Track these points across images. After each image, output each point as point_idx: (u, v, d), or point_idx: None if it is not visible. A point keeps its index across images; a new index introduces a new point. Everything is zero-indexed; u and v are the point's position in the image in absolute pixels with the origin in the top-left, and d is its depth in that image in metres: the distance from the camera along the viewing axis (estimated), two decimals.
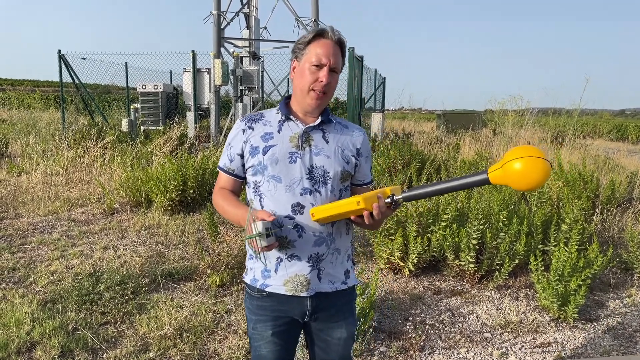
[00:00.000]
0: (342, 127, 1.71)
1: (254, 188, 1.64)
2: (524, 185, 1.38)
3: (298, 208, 1.58)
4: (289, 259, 1.60)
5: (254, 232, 1.41)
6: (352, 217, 1.55)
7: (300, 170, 1.59)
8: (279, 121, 1.65)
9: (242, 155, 1.65)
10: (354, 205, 1.47)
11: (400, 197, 1.52)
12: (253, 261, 1.69)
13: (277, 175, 1.58)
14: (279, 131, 1.63)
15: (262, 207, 1.61)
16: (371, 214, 1.49)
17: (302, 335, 1.83)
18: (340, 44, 1.60)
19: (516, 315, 3.55)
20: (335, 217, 1.54)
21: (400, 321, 3.42)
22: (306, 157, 1.60)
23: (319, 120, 1.64)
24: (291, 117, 1.64)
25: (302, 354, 2.80)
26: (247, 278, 1.71)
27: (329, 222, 1.60)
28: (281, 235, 1.57)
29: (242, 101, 11.04)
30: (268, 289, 1.64)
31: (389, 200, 1.52)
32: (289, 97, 1.71)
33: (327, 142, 1.64)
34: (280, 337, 1.68)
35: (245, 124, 1.66)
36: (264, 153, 1.59)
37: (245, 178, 1.69)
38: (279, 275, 1.62)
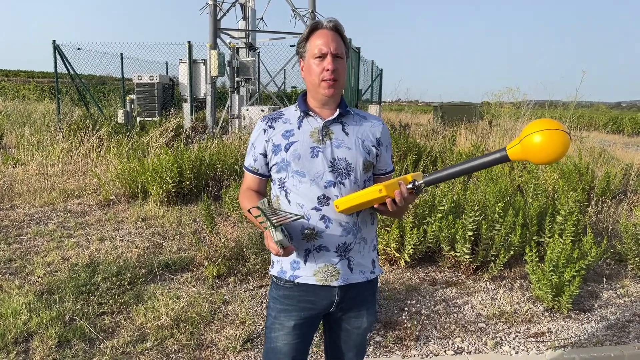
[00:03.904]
0: (361, 118, 1.74)
1: (279, 184, 1.67)
2: (544, 158, 1.37)
3: (324, 200, 1.61)
4: (317, 250, 1.63)
5: (273, 237, 1.44)
6: (375, 206, 1.57)
7: (322, 163, 1.61)
8: (298, 118, 1.68)
9: (265, 155, 1.69)
10: (376, 193, 1.49)
11: (421, 181, 1.54)
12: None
13: (301, 171, 1.61)
14: (299, 127, 1.66)
15: (289, 202, 1.64)
16: (394, 200, 1.52)
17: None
18: (336, 30, 1.61)
19: (511, 306, 3.58)
20: (359, 206, 1.55)
21: (395, 311, 3.45)
22: (327, 150, 1.63)
23: (337, 113, 1.66)
24: (310, 112, 1.67)
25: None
26: (274, 270, 1.72)
27: (354, 212, 1.62)
28: (309, 227, 1.61)
29: (238, 92, 10.99)
30: (298, 280, 1.65)
31: (410, 186, 1.53)
32: (305, 94, 1.73)
33: (347, 134, 1.67)
34: (301, 329, 1.68)
35: (266, 124, 1.69)
36: (286, 150, 1.63)
37: (269, 176, 1.73)
38: (308, 266, 1.64)
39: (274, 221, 1.45)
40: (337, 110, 1.67)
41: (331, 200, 1.60)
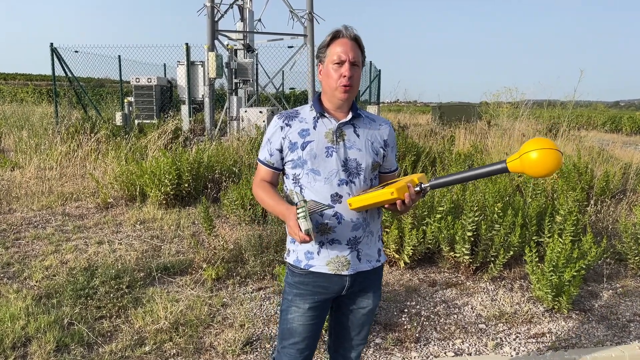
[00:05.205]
0: (370, 120, 1.87)
1: (293, 179, 1.80)
2: (539, 172, 1.55)
3: (336, 198, 1.75)
4: (330, 242, 1.78)
5: (302, 226, 1.56)
6: (385, 205, 1.70)
7: (336, 163, 1.75)
8: (314, 118, 1.80)
9: (281, 150, 1.81)
10: (388, 195, 1.63)
11: (427, 185, 1.69)
12: (295, 244, 1.84)
13: (316, 169, 1.75)
14: (314, 127, 1.78)
15: (304, 197, 1.77)
16: (403, 201, 1.65)
17: None
18: (355, 40, 1.74)
19: (511, 306, 3.57)
20: (371, 206, 1.70)
21: (395, 313, 3.44)
22: (341, 151, 1.76)
23: (350, 116, 1.79)
24: (325, 114, 1.79)
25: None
26: (290, 259, 1.86)
27: (364, 210, 1.77)
28: (323, 222, 1.75)
29: (236, 94, 10.99)
30: (312, 269, 1.80)
31: (417, 188, 1.68)
32: (320, 95, 1.84)
33: (358, 136, 1.80)
34: (315, 311, 1.83)
35: (283, 122, 1.80)
36: (303, 148, 1.75)
37: (282, 169, 1.86)
38: (322, 256, 1.79)
39: (308, 212, 1.57)
40: (350, 113, 1.79)
41: (343, 199, 1.74)
